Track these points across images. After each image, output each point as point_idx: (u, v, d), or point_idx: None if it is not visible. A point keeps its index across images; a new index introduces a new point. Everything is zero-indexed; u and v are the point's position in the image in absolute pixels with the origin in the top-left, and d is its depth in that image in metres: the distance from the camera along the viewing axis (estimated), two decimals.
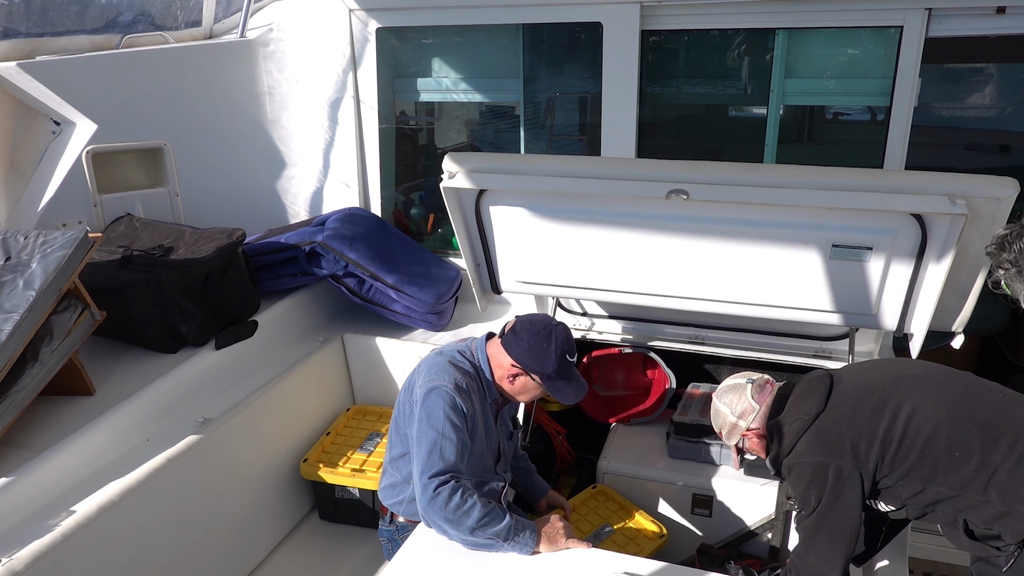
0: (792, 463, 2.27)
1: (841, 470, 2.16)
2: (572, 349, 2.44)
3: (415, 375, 2.52)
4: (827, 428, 2.23)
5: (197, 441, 2.71)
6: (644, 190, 2.55)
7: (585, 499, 3.13)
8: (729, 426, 2.46)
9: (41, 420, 2.62)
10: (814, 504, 2.19)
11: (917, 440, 2.13)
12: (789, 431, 2.29)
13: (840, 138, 4.33)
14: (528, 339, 2.41)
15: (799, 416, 2.28)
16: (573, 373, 2.47)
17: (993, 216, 2.30)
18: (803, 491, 2.23)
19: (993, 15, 3.24)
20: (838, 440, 2.19)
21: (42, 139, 3.73)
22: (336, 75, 4.18)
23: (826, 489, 2.17)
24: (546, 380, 2.42)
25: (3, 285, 2.57)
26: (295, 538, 3.22)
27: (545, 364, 2.38)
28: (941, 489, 2.13)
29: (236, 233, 3.32)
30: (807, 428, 2.25)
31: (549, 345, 2.38)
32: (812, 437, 2.23)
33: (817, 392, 2.31)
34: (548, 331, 2.41)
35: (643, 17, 3.62)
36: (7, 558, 2.07)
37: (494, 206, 2.91)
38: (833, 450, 2.19)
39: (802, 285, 2.71)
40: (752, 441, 2.43)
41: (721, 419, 2.49)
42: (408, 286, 3.64)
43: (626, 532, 2.98)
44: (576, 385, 2.48)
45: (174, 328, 3.09)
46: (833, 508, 2.17)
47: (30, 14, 3.62)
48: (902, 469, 2.15)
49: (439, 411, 2.32)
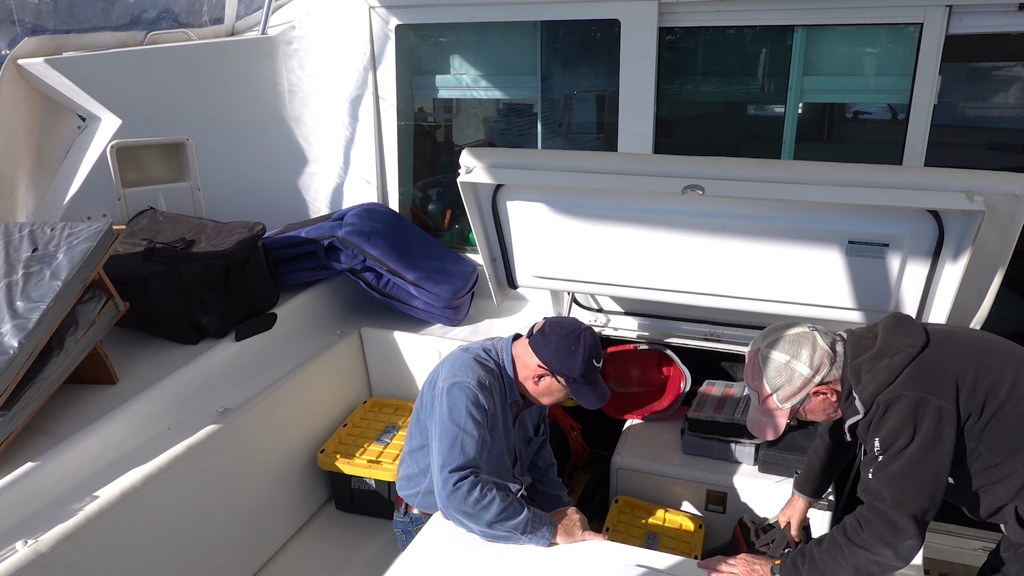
0: (891, 397, 1.95)
1: (943, 411, 1.90)
2: (599, 355, 2.44)
3: (439, 369, 2.54)
4: (932, 362, 1.97)
5: (217, 430, 2.75)
6: (660, 185, 2.56)
7: (615, 516, 3.11)
8: (801, 383, 2.08)
9: (66, 408, 2.67)
10: (905, 442, 1.91)
11: (1020, 405, 1.93)
12: (888, 365, 1.98)
13: (859, 137, 4.31)
14: (557, 341, 2.41)
15: (902, 348, 1.99)
16: (598, 379, 2.48)
17: (1011, 213, 2.29)
18: (895, 426, 1.93)
19: (1015, 12, 3.20)
20: (943, 377, 1.94)
21: (68, 134, 3.80)
22: (356, 72, 4.22)
23: (923, 428, 1.90)
24: (571, 383, 2.43)
25: (30, 276, 2.63)
26: (311, 527, 3.25)
27: (572, 367, 2.39)
28: (1018, 468, 1.96)
29: (256, 227, 3.36)
30: (911, 360, 1.97)
31: (577, 348, 2.39)
32: (915, 370, 1.96)
33: (915, 326, 2.05)
34: (577, 334, 2.42)
35: (661, 14, 3.62)
36: (33, 540, 2.12)
37: (511, 201, 2.92)
38: (938, 387, 1.93)
39: (817, 282, 2.70)
40: (818, 399, 2.11)
41: (787, 375, 2.09)
42: (425, 281, 3.67)
43: (668, 534, 3.00)
44: (600, 391, 2.48)
45: (195, 320, 3.14)
46: (932, 451, 1.89)
47: (57, 11, 3.69)
48: (995, 432, 1.94)
49: (461, 406, 2.34)
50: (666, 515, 3.10)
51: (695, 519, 3.07)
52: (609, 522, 3.05)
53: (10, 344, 2.40)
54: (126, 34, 3.98)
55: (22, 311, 2.50)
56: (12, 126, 3.57)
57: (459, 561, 2.19)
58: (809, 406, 2.13)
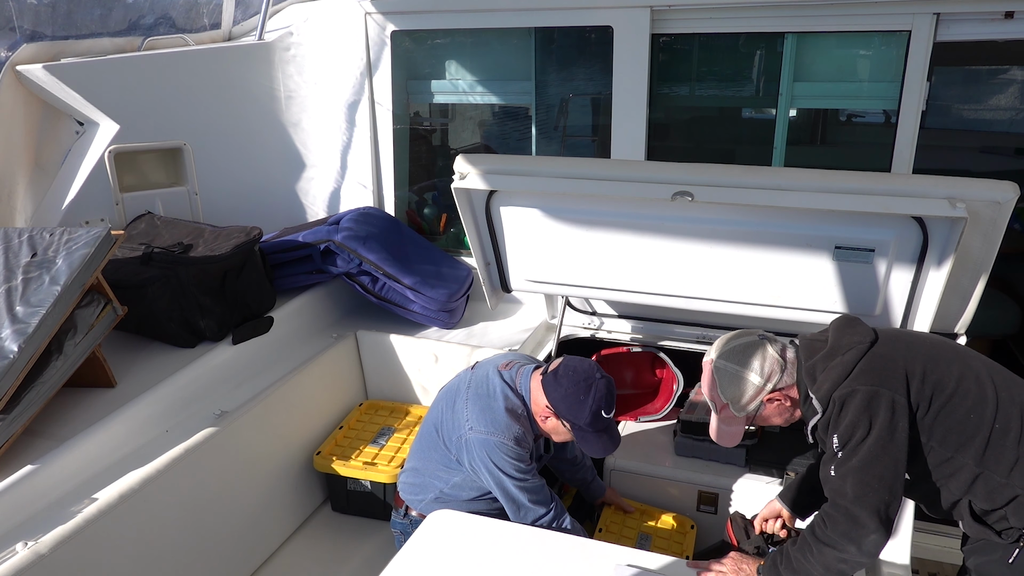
0: (846, 392, 1.98)
1: (896, 403, 1.94)
2: (610, 406, 2.43)
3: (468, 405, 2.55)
4: (881, 355, 2.01)
5: (214, 433, 2.78)
6: (650, 192, 2.60)
7: (608, 517, 3.12)
8: (753, 392, 2.13)
9: (65, 411, 2.70)
10: (861, 436, 1.94)
11: (966, 400, 1.97)
12: (841, 362, 2.02)
13: (850, 140, 4.35)
14: (567, 386, 2.42)
15: (852, 345, 2.04)
16: (606, 427, 2.47)
17: (993, 220, 2.33)
18: (851, 421, 1.96)
19: (1001, 20, 3.26)
20: (892, 370, 1.98)
21: (66, 139, 3.82)
22: (353, 77, 4.26)
23: (878, 420, 1.93)
24: (576, 430, 2.44)
25: (30, 281, 2.66)
26: (308, 529, 3.29)
27: (578, 415, 2.40)
28: (968, 462, 1.98)
29: (253, 231, 3.39)
30: (863, 356, 2.01)
31: (586, 398, 2.39)
32: (867, 364, 2.00)
33: (863, 326, 2.11)
34: (589, 383, 2.41)
35: (653, 21, 3.66)
36: (32, 542, 2.15)
37: (504, 206, 2.96)
38: (889, 379, 1.97)
39: (805, 286, 2.74)
40: (773, 405, 2.16)
41: (741, 387, 2.14)
42: (421, 285, 3.71)
43: (660, 535, 3.02)
44: (607, 440, 2.48)
45: (193, 323, 3.17)
46: (889, 444, 1.92)
47: (55, 17, 3.71)
48: (944, 426, 1.98)
49: (510, 467, 2.44)
50: (660, 516, 3.13)
51: (687, 520, 3.10)
52: (602, 523, 3.08)
53: (10, 348, 2.43)
54: (124, 40, 4.01)
55: (22, 316, 2.54)
56: (11, 131, 3.60)
57: (454, 561, 2.22)
58: (764, 412, 2.19)
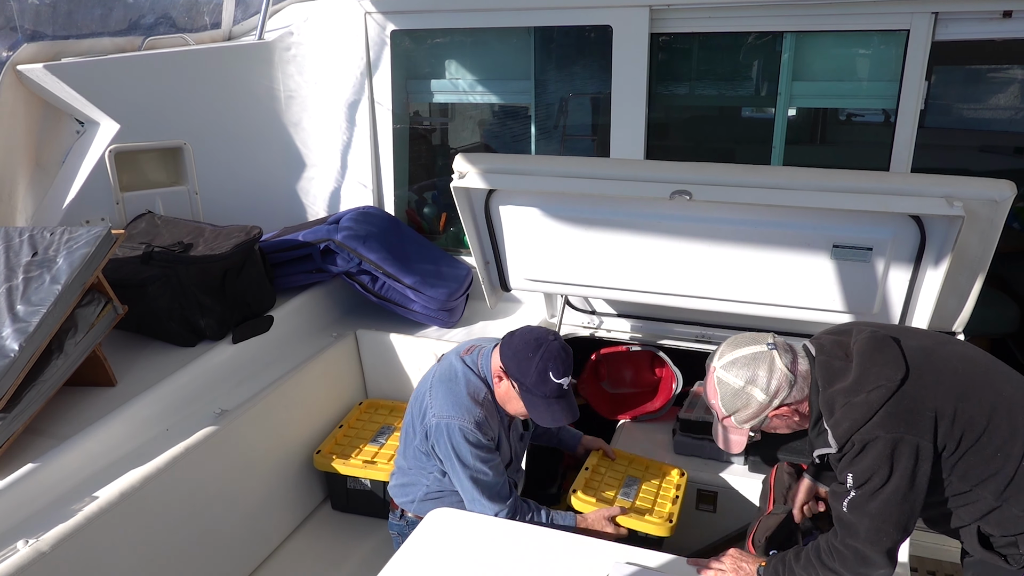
0: (868, 438, 1.87)
1: (920, 450, 1.84)
2: (560, 370, 2.34)
3: (431, 392, 2.54)
4: (911, 397, 1.88)
5: (214, 432, 2.79)
6: (649, 191, 2.61)
7: (597, 461, 3.04)
8: (756, 409, 2.02)
9: (65, 409, 2.71)
10: (880, 482, 1.86)
11: (995, 438, 1.88)
12: (865, 402, 1.88)
13: (848, 140, 4.36)
14: (518, 343, 2.38)
15: (881, 382, 1.89)
16: (557, 394, 2.37)
17: (990, 218, 2.34)
18: (870, 466, 1.87)
19: (999, 19, 3.26)
20: (922, 414, 1.87)
21: (66, 138, 3.84)
22: (353, 77, 4.26)
23: (900, 468, 1.85)
24: (523, 391, 2.37)
25: (30, 280, 2.67)
26: (308, 527, 3.30)
27: (524, 373, 2.34)
28: (987, 496, 1.91)
29: (253, 231, 3.40)
30: (890, 397, 1.87)
31: (534, 355, 2.32)
32: (894, 407, 1.87)
33: (893, 353, 1.94)
34: (540, 343, 2.36)
35: (652, 20, 3.67)
36: (34, 540, 2.16)
37: (503, 206, 2.97)
38: (916, 424, 1.86)
39: (803, 285, 2.75)
40: (779, 420, 2.07)
41: (744, 400, 2.02)
42: (421, 285, 3.71)
43: (651, 478, 3.00)
44: (558, 409, 2.37)
45: (193, 322, 3.18)
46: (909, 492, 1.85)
47: (56, 17, 3.73)
48: (968, 463, 1.90)
49: (467, 452, 2.41)
50: (648, 463, 3.10)
51: (677, 468, 3.06)
52: (589, 463, 2.97)
53: (11, 347, 2.44)
54: (124, 39, 4.02)
55: (23, 315, 2.54)
56: (11, 131, 3.61)
57: (453, 559, 2.23)
58: (770, 425, 2.10)
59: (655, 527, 2.70)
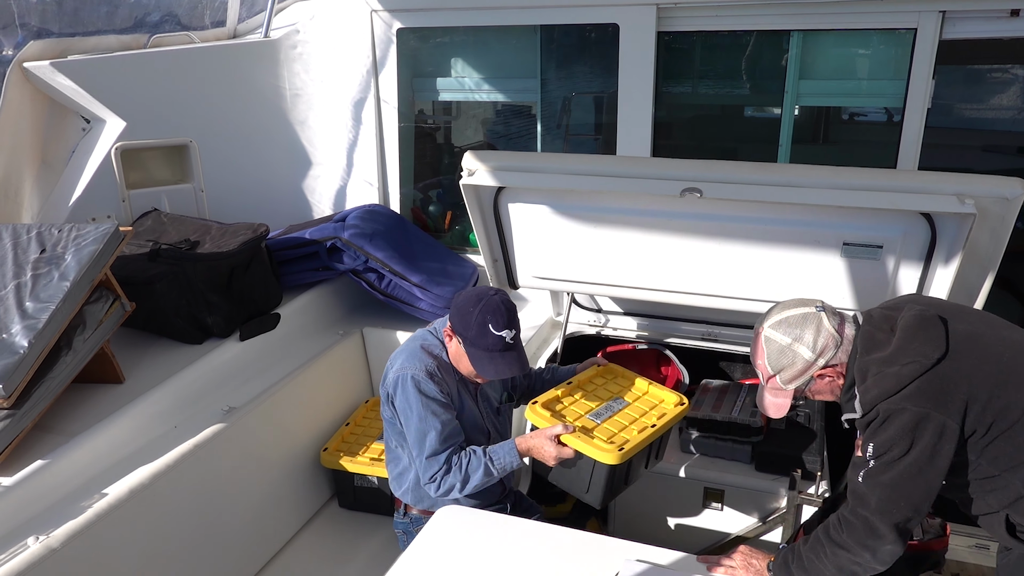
0: (893, 408, 1.88)
1: (945, 428, 1.84)
2: (500, 322, 2.35)
3: (392, 360, 2.58)
4: (945, 377, 1.87)
5: (222, 429, 2.79)
6: (659, 188, 2.60)
7: (591, 377, 2.80)
8: (803, 365, 2.03)
9: (74, 406, 2.70)
10: (899, 454, 1.86)
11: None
12: (898, 373, 1.89)
13: (854, 139, 4.35)
14: (462, 300, 2.42)
15: (916, 358, 1.88)
16: (500, 347, 2.38)
17: (1001, 216, 2.33)
18: (891, 437, 1.87)
19: (1007, 18, 3.26)
20: (954, 394, 1.86)
21: (72, 136, 3.83)
22: (359, 75, 4.26)
23: (921, 443, 1.84)
24: (467, 345, 2.40)
25: (39, 277, 2.67)
26: (315, 524, 3.29)
27: (467, 327, 2.37)
28: (1016, 483, 1.90)
29: (260, 228, 3.40)
30: (923, 373, 1.87)
31: (475, 309, 2.36)
32: (925, 384, 1.86)
33: (936, 332, 1.92)
34: (480, 297, 2.39)
35: (659, 19, 3.67)
36: (44, 536, 2.16)
37: (512, 203, 2.97)
38: (945, 404, 1.85)
39: (813, 282, 2.75)
40: (824, 381, 2.06)
41: (790, 358, 2.03)
42: (428, 283, 3.71)
43: (642, 404, 2.70)
44: (500, 362, 2.38)
45: (200, 320, 3.18)
46: (927, 467, 1.85)
47: (62, 14, 3.72)
48: (998, 449, 1.89)
49: (415, 400, 2.42)
50: (651, 387, 2.76)
51: (681, 396, 2.73)
52: (582, 378, 2.76)
53: (20, 344, 2.44)
54: (130, 37, 4.01)
55: (32, 311, 2.54)
56: (18, 128, 3.60)
57: (461, 559, 2.22)
58: (814, 387, 2.09)
59: (601, 452, 2.36)
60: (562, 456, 2.38)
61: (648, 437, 2.48)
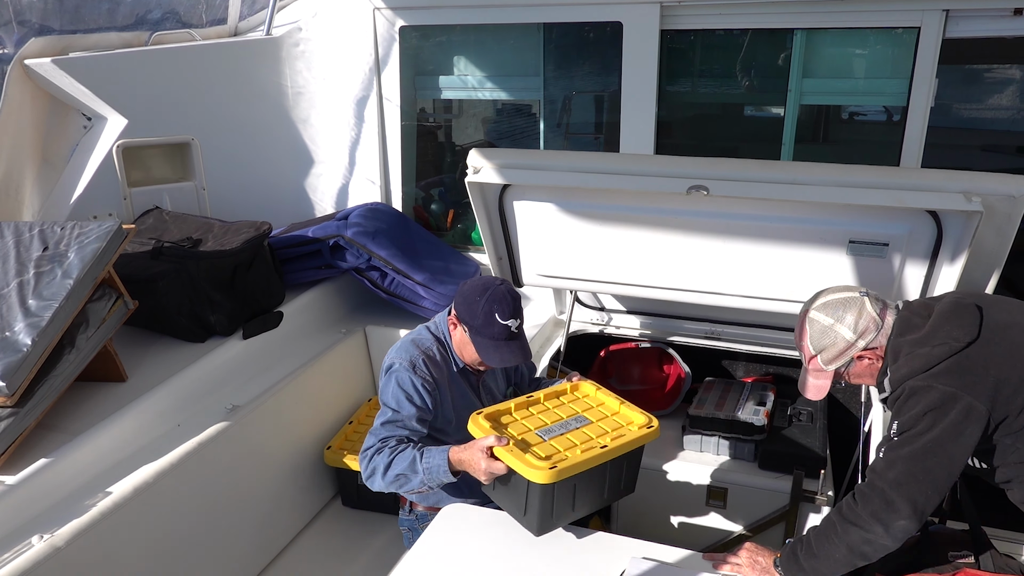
0: (919, 385, 1.92)
1: (972, 409, 1.85)
2: (506, 312, 2.37)
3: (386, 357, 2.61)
4: (975, 360, 1.90)
5: (226, 428, 2.78)
6: (665, 186, 2.60)
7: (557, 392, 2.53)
8: (843, 347, 2.09)
9: (77, 405, 2.69)
10: (923, 430, 1.88)
11: None
12: (928, 354, 1.93)
13: (856, 138, 4.36)
14: (468, 289, 2.44)
15: (947, 340, 1.93)
16: (505, 335, 2.39)
17: (1008, 214, 2.33)
18: (917, 414, 1.90)
19: (1010, 16, 3.27)
20: (983, 376, 1.88)
21: (74, 133, 3.82)
22: (361, 73, 4.25)
23: (945, 421, 1.86)
24: (472, 334, 2.42)
25: (42, 275, 2.66)
26: (319, 523, 3.29)
27: (473, 315, 2.39)
28: None
29: (263, 226, 3.39)
30: (953, 355, 1.91)
31: (481, 298, 2.38)
32: (954, 364, 1.90)
33: (970, 318, 1.96)
34: (487, 287, 2.42)
35: (663, 17, 3.66)
36: (49, 535, 2.16)
37: (517, 201, 2.96)
38: (973, 385, 1.87)
39: (819, 280, 2.73)
40: (863, 363, 2.11)
41: (831, 338, 2.10)
42: (432, 282, 3.70)
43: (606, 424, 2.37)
44: (505, 351, 2.40)
45: (203, 318, 3.17)
46: (949, 445, 1.86)
47: (63, 12, 3.71)
48: None
49: (389, 389, 2.45)
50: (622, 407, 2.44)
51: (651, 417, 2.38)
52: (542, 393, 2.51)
53: (24, 342, 2.43)
54: (131, 34, 4.00)
55: (35, 309, 2.53)
56: (19, 126, 3.59)
57: (467, 556, 2.22)
58: (854, 370, 2.14)
59: (531, 469, 2.08)
60: (492, 470, 2.15)
61: (593, 458, 2.17)
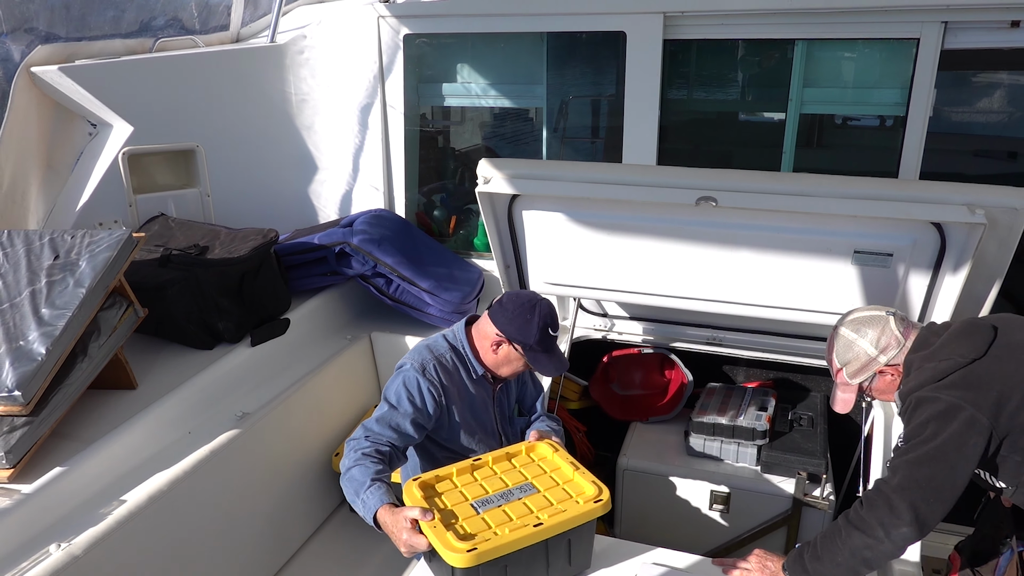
0: (925, 396, 2.00)
1: (975, 421, 1.92)
2: (555, 324, 2.50)
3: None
4: (979, 375, 1.97)
5: (236, 435, 2.79)
6: (674, 197, 2.63)
7: (509, 455, 2.38)
8: (865, 361, 2.22)
9: (89, 413, 2.70)
10: (927, 438, 1.94)
11: None
12: (935, 367, 2.03)
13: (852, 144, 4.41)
14: (513, 309, 2.48)
15: (953, 356, 2.02)
16: (554, 347, 2.52)
17: (1010, 226, 2.38)
18: (922, 422, 1.97)
19: (1007, 28, 3.33)
20: (986, 391, 1.94)
21: (79, 140, 3.83)
22: (365, 81, 4.27)
23: (949, 431, 1.92)
24: (527, 351, 2.47)
25: (54, 284, 2.66)
26: (327, 529, 3.30)
27: (527, 334, 2.44)
28: None
29: (270, 233, 3.40)
30: (957, 369, 2.00)
31: (532, 316, 2.45)
32: (959, 378, 1.98)
33: (980, 337, 2.04)
34: (533, 304, 2.48)
35: (666, 27, 3.70)
36: (66, 543, 2.17)
37: (527, 210, 2.99)
38: (976, 398, 1.93)
39: (823, 290, 2.79)
40: (886, 379, 2.23)
41: (855, 353, 2.23)
42: (437, 288, 3.72)
43: (553, 494, 2.17)
44: (556, 360, 2.52)
45: (211, 325, 3.18)
46: (952, 454, 1.91)
47: (69, 19, 3.71)
48: None
49: (393, 385, 2.47)
50: (576, 475, 2.24)
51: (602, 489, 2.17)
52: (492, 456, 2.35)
53: (38, 351, 2.44)
54: (135, 41, 4.01)
55: (48, 318, 2.54)
56: (24, 133, 3.59)
57: None
58: (877, 385, 2.26)
59: (448, 551, 1.91)
60: (413, 545, 2.01)
61: (521, 539, 1.97)
